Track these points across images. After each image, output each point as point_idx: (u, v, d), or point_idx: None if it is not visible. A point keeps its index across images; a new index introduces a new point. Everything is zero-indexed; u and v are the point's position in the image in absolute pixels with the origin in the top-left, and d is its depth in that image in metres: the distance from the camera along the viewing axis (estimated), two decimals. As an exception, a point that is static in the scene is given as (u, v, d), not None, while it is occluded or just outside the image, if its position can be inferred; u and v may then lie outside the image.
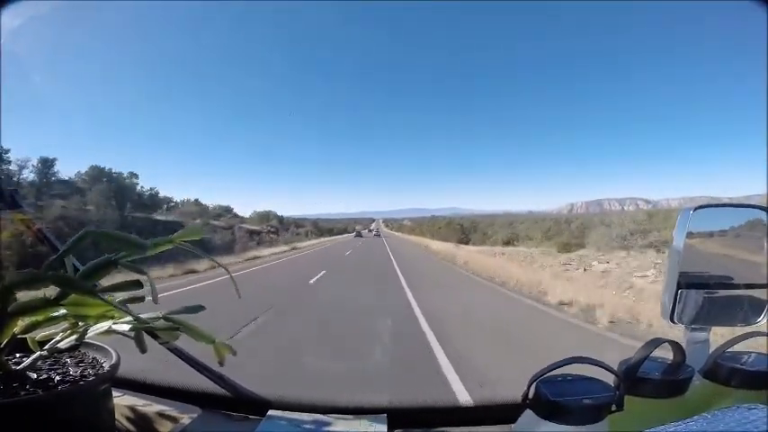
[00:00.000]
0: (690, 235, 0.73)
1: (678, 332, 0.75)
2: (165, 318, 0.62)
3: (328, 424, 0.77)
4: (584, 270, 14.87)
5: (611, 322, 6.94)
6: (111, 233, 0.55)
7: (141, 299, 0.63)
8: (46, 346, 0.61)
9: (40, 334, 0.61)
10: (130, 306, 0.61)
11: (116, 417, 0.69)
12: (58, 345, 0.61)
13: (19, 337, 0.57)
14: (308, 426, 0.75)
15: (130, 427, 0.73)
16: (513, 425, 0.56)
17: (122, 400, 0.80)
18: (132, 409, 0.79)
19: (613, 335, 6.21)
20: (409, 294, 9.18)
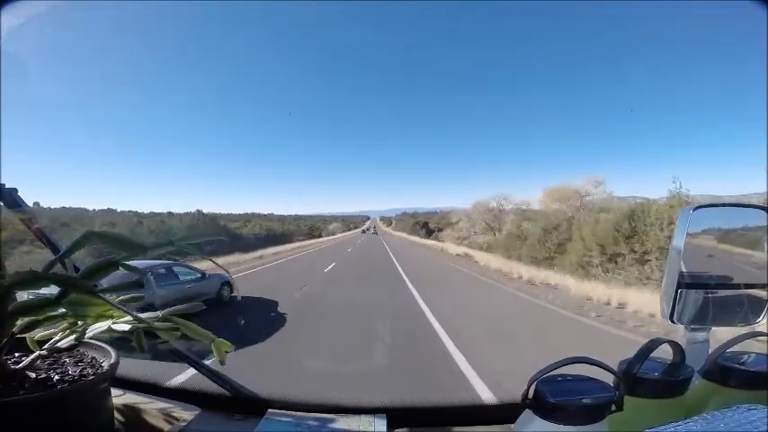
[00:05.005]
0: (690, 235, 0.73)
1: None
2: (164, 317, 0.62)
3: (328, 423, 0.77)
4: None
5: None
6: (112, 234, 0.55)
7: (141, 298, 0.63)
8: (45, 346, 0.61)
9: (39, 333, 0.61)
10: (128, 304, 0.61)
11: (115, 416, 0.69)
12: (58, 344, 0.61)
13: (18, 336, 0.57)
14: (307, 425, 0.75)
15: (130, 426, 0.73)
16: (512, 425, 0.56)
17: (121, 400, 0.80)
18: (131, 408, 0.79)
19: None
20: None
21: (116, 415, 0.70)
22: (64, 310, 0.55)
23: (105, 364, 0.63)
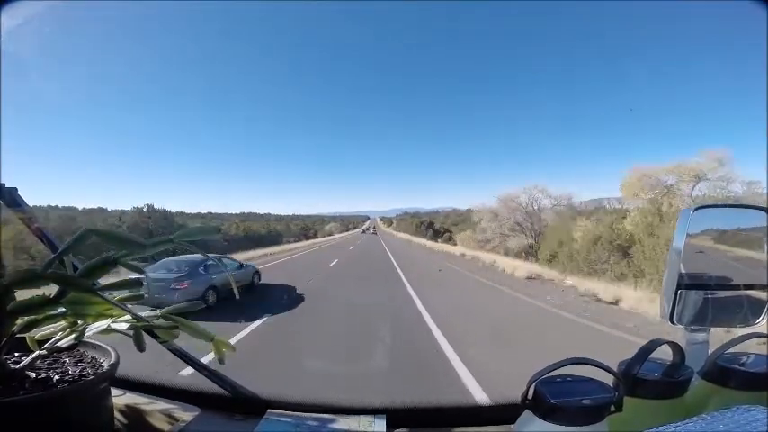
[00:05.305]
0: (690, 235, 0.73)
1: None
2: (164, 316, 0.62)
3: (327, 423, 0.77)
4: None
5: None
6: (111, 232, 0.55)
7: (140, 297, 0.63)
8: (45, 345, 0.61)
9: (38, 333, 0.61)
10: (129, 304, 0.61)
11: (115, 416, 0.69)
12: (57, 344, 0.61)
13: (18, 336, 0.57)
14: (306, 425, 0.75)
15: (130, 426, 0.73)
16: (512, 425, 0.56)
17: (122, 399, 0.80)
18: (131, 408, 0.79)
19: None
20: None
21: (116, 415, 0.70)
22: (63, 309, 0.55)
23: (105, 364, 0.63)
